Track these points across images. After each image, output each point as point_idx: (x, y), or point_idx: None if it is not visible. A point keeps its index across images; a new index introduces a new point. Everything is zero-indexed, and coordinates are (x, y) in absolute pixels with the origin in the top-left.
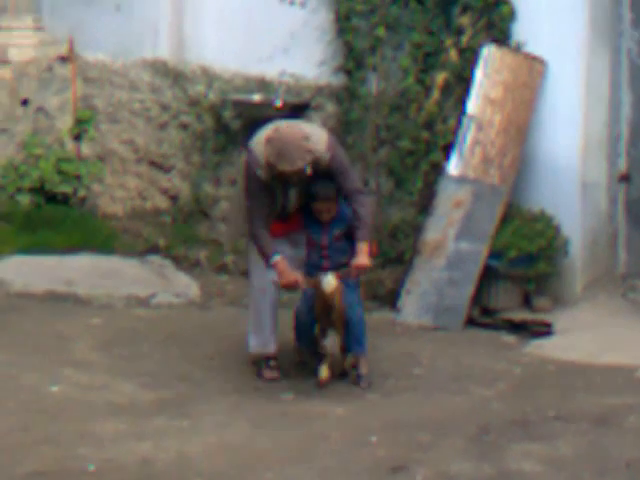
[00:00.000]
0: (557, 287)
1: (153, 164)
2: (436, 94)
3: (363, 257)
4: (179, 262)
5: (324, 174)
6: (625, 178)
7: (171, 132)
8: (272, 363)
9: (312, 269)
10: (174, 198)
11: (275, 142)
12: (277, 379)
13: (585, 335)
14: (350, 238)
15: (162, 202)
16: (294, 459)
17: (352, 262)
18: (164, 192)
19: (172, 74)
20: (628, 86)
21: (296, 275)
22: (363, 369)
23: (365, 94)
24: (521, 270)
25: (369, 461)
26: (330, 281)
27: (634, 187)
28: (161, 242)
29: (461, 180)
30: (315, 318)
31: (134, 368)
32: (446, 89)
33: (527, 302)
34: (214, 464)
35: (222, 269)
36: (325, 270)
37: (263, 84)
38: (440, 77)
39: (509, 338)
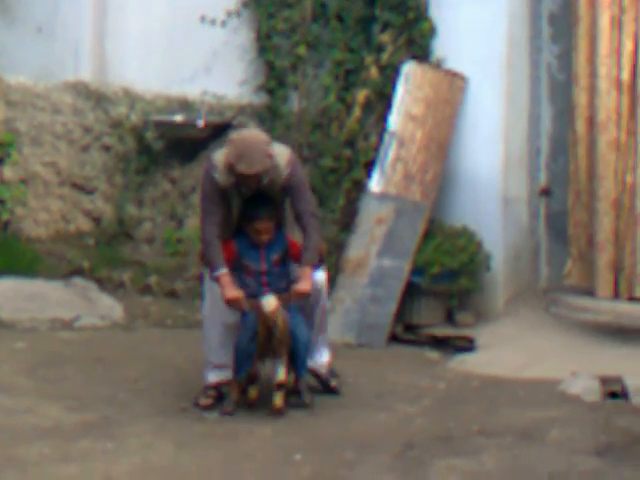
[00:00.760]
0: (480, 302)
1: (76, 186)
2: (357, 112)
3: (305, 282)
4: (103, 284)
5: (270, 192)
6: (546, 192)
7: (94, 154)
8: (210, 392)
9: (251, 298)
10: (97, 220)
11: (236, 142)
12: (210, 407)
13: (508, 350)
14: (286, 263)
15: (85, 224)
16: (219, 479)
17: (293, 287)
18: (87, 214)
19: (94, 96)
20: (548, 100)
21: (239, 292)
22: (303, 385)
23: (287, 113)
24: (444, 286)
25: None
26: (270, 301)
27: (555, 201)
28: (85, 264)
29: (383, 197)
30: (256, 346)
31: (59, 391)
32: (367, 106)
33: (450, 318)
34: None
35: (146, 290)
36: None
37: (185, 104)
38: (361, 94)
39: (432, 354)
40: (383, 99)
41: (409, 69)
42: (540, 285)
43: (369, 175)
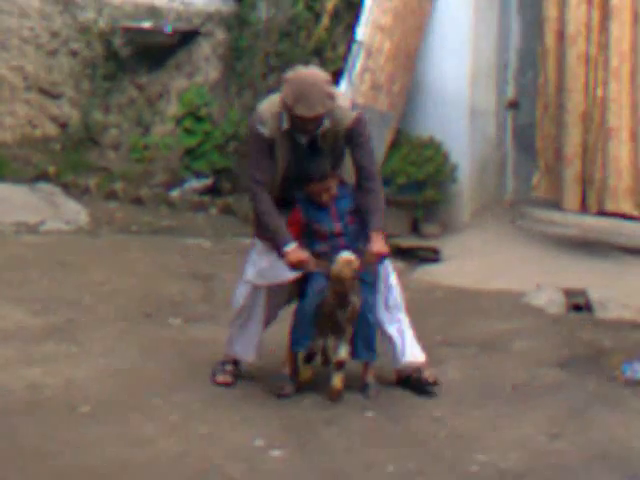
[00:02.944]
0: (445, 214)
1: (43, 91)
2: (325, 21)
3: (380, 244)
4: (68, 189)
5: (328, 141)
6: (513, 105)
7: (61, 59)
8: (228, 367)
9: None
10: (64, 125)
11: (293, 82)
12: (230, 384)
13: (473, 261)
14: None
15: (52, 129)
16: (182, 384)
17: (369, 248)
18: (54, 119)
19: (62, 1)
20: (517, 14)
21: (305, 253)
22: (369, 377)
23: (255, 21)
24: (409, 197)
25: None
26: (345, 254)
27: (522, 114)
28: (51, 169)
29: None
30: (321, 315)
31: (23, 294)
32: (335, 16)
33: (415, 229)
34: (102, 389)
35: (111, 196)
36: None
37: (153, 11)
38: (330, 3)
39: (397, 264)
40: (351, 9)
41: None
42: (506, 197)
43: (337, 84)
